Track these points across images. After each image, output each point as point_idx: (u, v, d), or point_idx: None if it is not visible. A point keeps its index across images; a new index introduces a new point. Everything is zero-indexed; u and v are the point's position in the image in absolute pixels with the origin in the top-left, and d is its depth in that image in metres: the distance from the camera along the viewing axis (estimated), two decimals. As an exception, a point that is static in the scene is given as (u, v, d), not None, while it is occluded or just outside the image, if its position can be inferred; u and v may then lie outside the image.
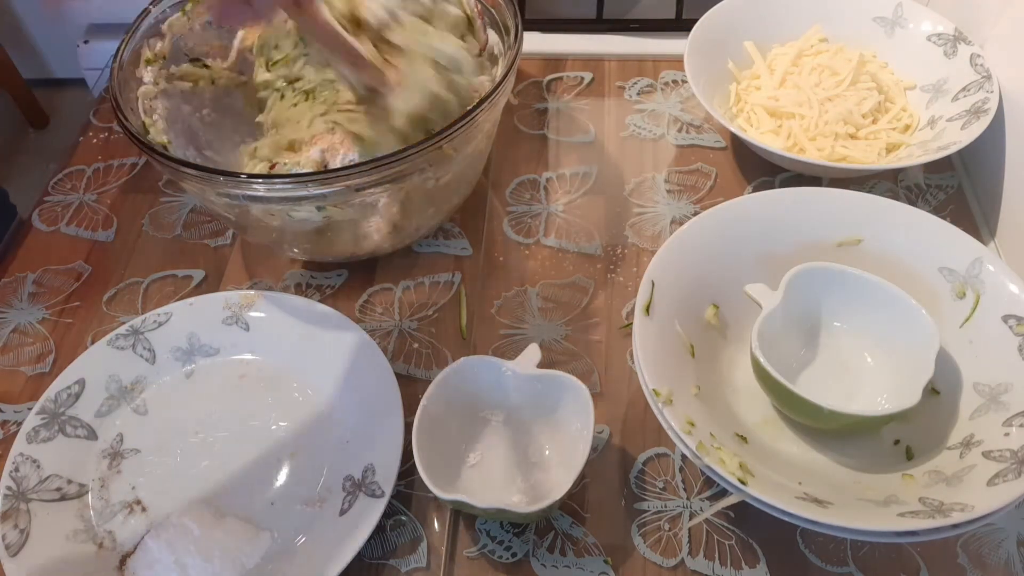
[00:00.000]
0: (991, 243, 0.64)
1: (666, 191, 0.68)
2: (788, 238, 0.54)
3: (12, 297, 0.64)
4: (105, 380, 0.55)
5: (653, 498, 0.51)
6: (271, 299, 0.58)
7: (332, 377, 0.55)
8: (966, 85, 0.65)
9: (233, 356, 0.57)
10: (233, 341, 0.57)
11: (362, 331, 0.55)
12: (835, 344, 0.53)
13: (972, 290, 0.51)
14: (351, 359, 0.55)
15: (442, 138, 0.50)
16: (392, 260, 0.64)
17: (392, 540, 0.50)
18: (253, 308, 0.58)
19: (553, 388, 0.50)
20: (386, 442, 0.50)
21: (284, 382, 0.56)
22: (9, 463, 0.51)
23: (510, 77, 0.55)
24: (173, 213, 0.69)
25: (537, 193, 0.69)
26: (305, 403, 0.55)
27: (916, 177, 0.68)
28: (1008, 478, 0.42)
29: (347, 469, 0.51)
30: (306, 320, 0.57)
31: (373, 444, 0.51)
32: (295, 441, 0.53)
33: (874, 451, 0.49)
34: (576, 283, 0.62)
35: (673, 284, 0.51)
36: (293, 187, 0.50)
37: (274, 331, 0.57)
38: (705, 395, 0.49)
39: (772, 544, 0.49)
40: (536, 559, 0.49)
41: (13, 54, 1.76)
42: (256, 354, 0.57)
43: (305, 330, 0.57)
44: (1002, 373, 0.48)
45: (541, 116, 0.75)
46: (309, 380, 0.56)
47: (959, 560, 0.48)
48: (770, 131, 0.66)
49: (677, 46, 0.73)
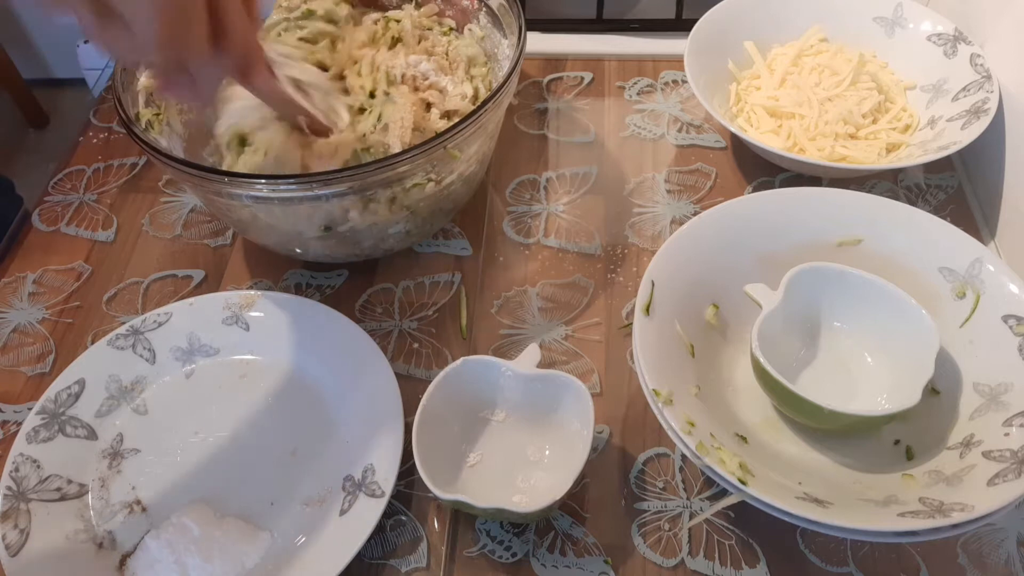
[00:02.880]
0: (991, 243, 0.64)
1: (666, 191, 0.68)
2: (788, 238, 0.54)
3: (12, 297, 0.64)
4: (105, 380, 0.55)
5: (653, 498, 0.51)
6: (271, 299, 0.58)
7: (333, 377, 0.55)
8: (966, 85, 0.65)
9: (233, 356, 0.57)
10: (233, 341, 0.57)
11: (363, 331, 0.55)
12: (835, 344, 0.53)
13: (972, 290, 0.51)
14: (352, 359, 0.55)
15: (445, 139, 0.51)
16: (392, 260, 0.64)
17: (392, 540, 0.50)
18: (253, 308, 0.58)
19: (553, 388, 0.50)
20: (386, 442, 0.50)
21: (284, 382, 0.56)
22: (9, 463, 0.51)
23: (514, 77, 0.55)
24: (173, 213, 0.69)
25: (537, 193, 0.69)
26: (305, 403, 0.55)
27: (916, 177, 0.68)
28: (1008, 478, 0.42)
29: (347, 469, 0.51)
30: (306, 320, 0.57)
31: (373, 444, 0.51)
32: (295, 441, 0.53)
33: (874, 451, 0.49)
34: (576, 283, 0.62)
35: (673, 284, 0.51)
36: (296, 187, 0.50)
37: (274, 331, 0.57)
38: (705, 395, 0.49)
39: (772, 544, 0.49)
40: (536, 559, 0.49)
41: (13, 54, 1.76)
42: (256, 354, 0.57)
43: (305, 330, 0.57)
44: (1002, 373, 0.48)
45: (541, 116, 0.75)
46: (309, 380, 0.56)
47: (959, 560, 0.48)
48: (770, 131, 0.66)
49: (677, 46, 0.73)
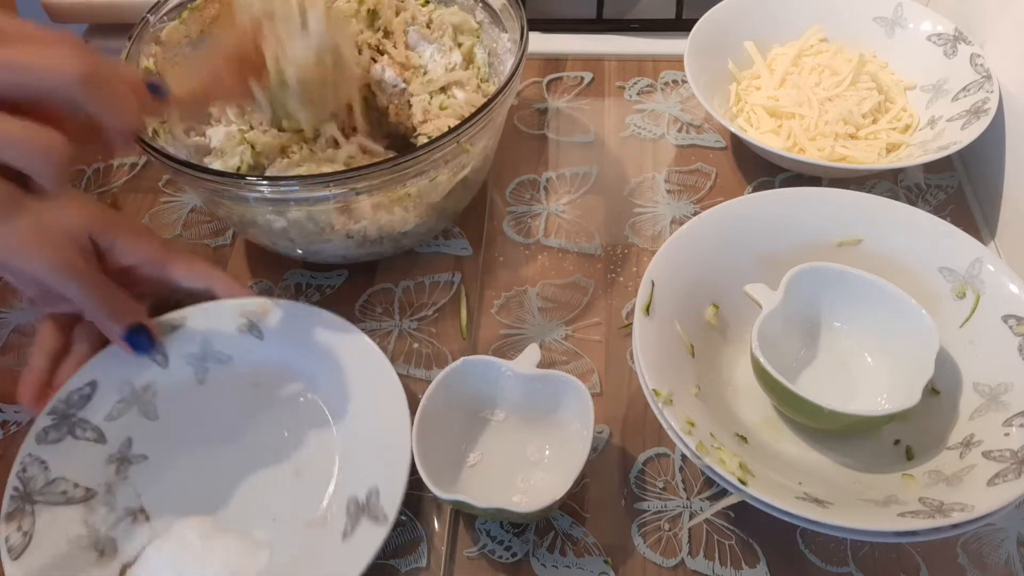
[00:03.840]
0: (991, 243, 0.64)
1: (666, 191, 0.68)
2: (788, 238, 0.54)
3: (12, 298, 0.64)
4: (118, 383, 0.54)
5: (653, 498, 0.51)
6: (286, 308, 0.57)
7: (342, 393, 0.54)
8: (966, 85, 0.65)
9: (246, 365, 0.56)
10: (247, 349, 0.56)
11: (376, 347, 0.54)
12: (835, 344, 0.53)
13: (972, 290, 0.51)
14: (363, 376, 0.54)
15: (459, 132, 0.51)
16: (392, 260, 0.64)
17: (392, 540, 0.50)
18: (268, 317, 0.57)
19: (553, 388, 0.50)
20: (392, 462, 0.49)
21: (295, 395, 0.55)
22: (17, 463, 0.50)
23: (519, 73, 0.56)
24: (173, 213, 0.69)
25: (537, 193, 0.69)
26: (313, 417, 0.54)
27: (916, 177, 0.68)
28: (1008, 478, 0.42)
29: (351, 489, 0.50)
30: (321, 333, 0.56)
31: (379, 463, 0.50)
32: (301, 456, 0.53)
33: (874, 451, 0.49)
34: (576, 283, 0.62)
35: (673, 284, 0.51)
36: (298, 188, 0.50)
37: (289, 342, 0.56)
38: (705, 395, 0.49)
39: (772, 544, 0.49)
40: (536, 559, 0.49)
41: (13, 54, 1.76)
42: (269, 364, 0.56)
43: (319, 343, 0.56)
44: (1002, 373, 0.48)
45: (541, 116, 0.75)
46: (320, 395, 0.55)
47: (959, 560, 0.48)
48: (770, 131, 0.66)
49: (677, 46, 0.73)
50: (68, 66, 0.36)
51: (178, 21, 0.62)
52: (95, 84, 0.37)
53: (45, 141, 0.36)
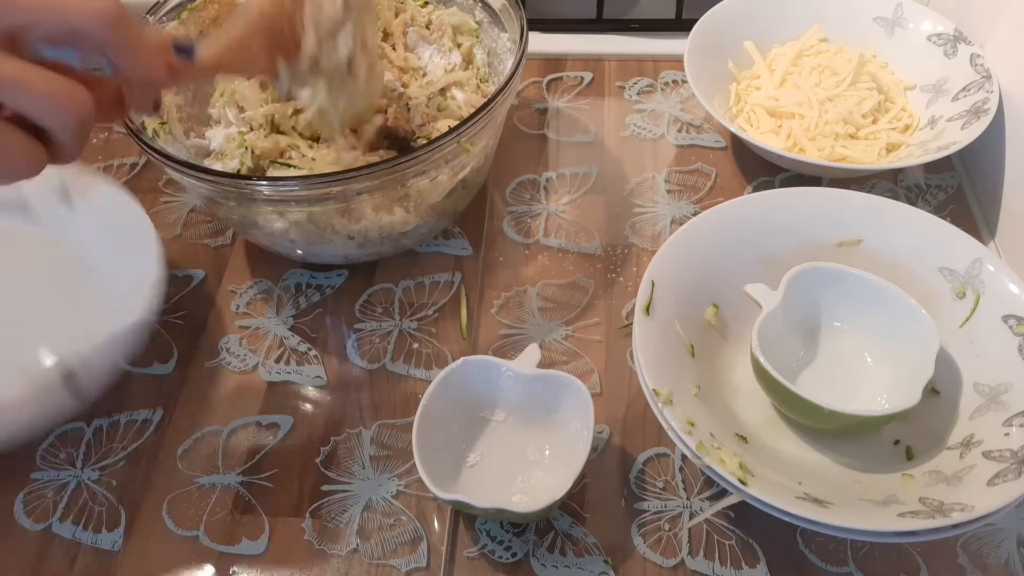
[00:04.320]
0: (991, 243, 0.64)
1: (666, 191, 0.68)
2: (788, 238, 0.54)
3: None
4: None
5: (653, 498, 0.51)
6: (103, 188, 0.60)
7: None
8: (966, 85, 0.65)
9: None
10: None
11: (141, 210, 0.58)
12: (835, 344, 0.53)
13: (972, 290, 0.51)
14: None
15: (459, 132, 0.51)
16: (392, 260, 0.64)
17: (392, 540, 0.50)
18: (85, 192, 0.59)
19: (553, 388, 0.50)
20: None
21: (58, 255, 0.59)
22: None
23: (519, 73, 0.56)
24: (173, 213, 0.69)
25: (537, 193, 0.69)
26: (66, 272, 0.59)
27: (916, 177, 0.68)
28: (1008, 478, 0.42)
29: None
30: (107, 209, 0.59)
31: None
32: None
33: (874, 451, 0.49)
34: (576, 283, 0.62)
35: (673, 284, 0.51)
36: (298, 188, 0.50)
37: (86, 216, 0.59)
38: (705, 395, 0.49)
39: (772, 544, 0.49)
40: (536, 559, 0.49)
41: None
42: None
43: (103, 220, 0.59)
44: (1002, 373, 0.48)
45: (541, 116, 0.75)
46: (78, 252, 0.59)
47: (959, 560, 0.48)
48: (770, 131, 0.67)
49: (677, 46, 0.73)
50: (98, 5, 0.36)
51: (177, 22, 0.62)
52: (123, 27, 0.36)
53: (69, 93, 0.36)
